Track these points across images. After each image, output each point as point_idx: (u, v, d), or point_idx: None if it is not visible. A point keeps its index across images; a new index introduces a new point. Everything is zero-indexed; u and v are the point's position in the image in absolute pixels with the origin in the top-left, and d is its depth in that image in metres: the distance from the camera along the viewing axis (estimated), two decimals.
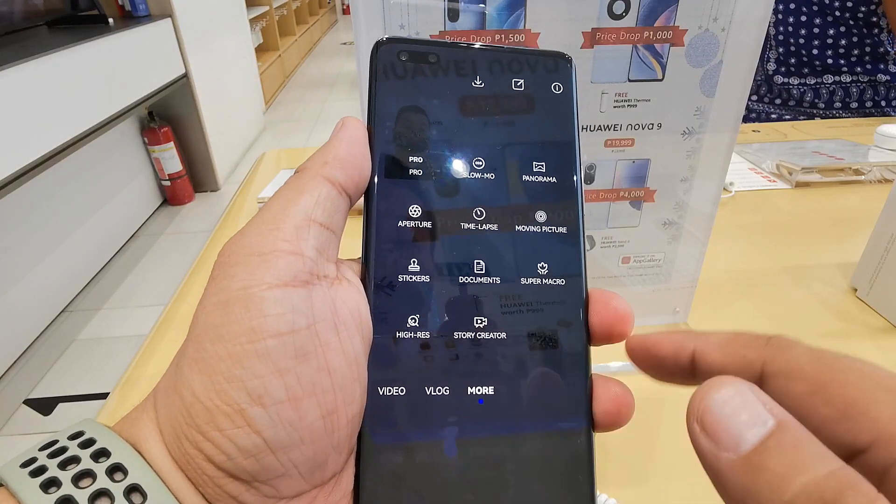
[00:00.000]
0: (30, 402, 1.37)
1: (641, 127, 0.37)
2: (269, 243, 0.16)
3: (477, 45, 0.20)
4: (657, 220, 0.41)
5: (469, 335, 0.19)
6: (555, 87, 0.21)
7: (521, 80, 0.20)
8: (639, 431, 0.38)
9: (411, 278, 0.19)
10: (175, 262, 1.94)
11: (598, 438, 0.18)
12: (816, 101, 0.98)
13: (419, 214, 0.19)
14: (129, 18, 1.92)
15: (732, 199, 0.70)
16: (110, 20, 1.81)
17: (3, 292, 1.44)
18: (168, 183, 2.24)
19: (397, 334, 0.18)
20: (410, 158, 0.19)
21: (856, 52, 0.93)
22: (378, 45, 0.20)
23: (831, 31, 0.94)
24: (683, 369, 0.16)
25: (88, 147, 1.59)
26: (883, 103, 0.95)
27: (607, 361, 0.43)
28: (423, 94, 0.20)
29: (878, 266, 0.49)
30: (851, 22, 0.92)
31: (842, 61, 0.94)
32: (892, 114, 0.95)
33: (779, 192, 0.72)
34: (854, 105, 0.96)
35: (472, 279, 0.19)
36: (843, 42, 0.93)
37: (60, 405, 1.37)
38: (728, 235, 0.62)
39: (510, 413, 0.18)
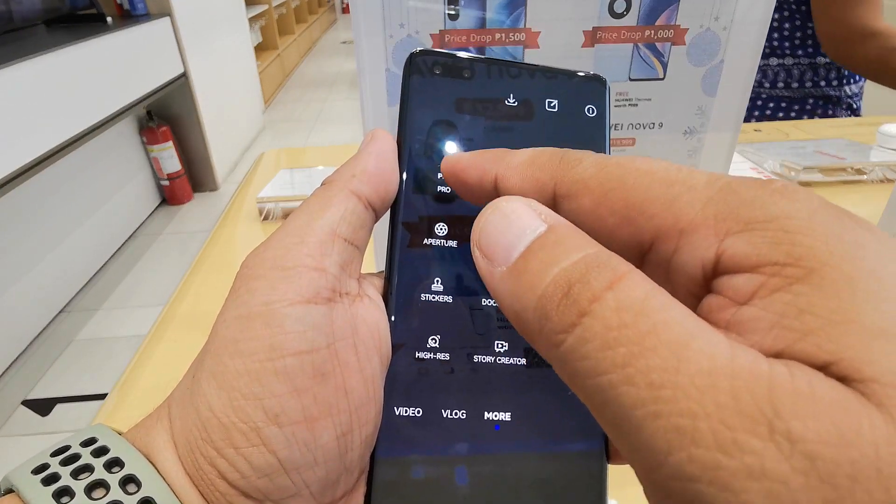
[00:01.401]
0: (28, 403, 1.37)
1: (643, 126, 0.37)
2: (292, 258, 0.16)
3: (512, 63, 0.20)
4: None
5: (489, 359, 0.18)
6: (588, 109, 0.20)
7: (555, 101, 0.20)
8: None
9: (434, 298, 0.18)
10: (174, 261, 1.93)
11: None
12: (763, 80, 1.05)
13: (445, 233, 0.19)
14: (128, 17, 1.92)
15: None
16: (109, 19, 1.81)
17: (2, 292, 1.44)
18: (167, 182, 2.24)
19: (417, 354, 0.18)
20: (440, 175, 0.19)
21: (798, 35, 0.99)
22: (412, 57, 0.20)
23: (776, 16, 1.00)
24: (489, 194, 0.15)
25: (87, 146, 1.59)
26: (822, 83, 1.02)
27: None
28: (454, 110, 0.19)
29: None
30: (794, 7, 0.97)
31: (786, 44, 1.00)
32: (830, 91, 1.02)
33: None
34: (795, 85, 1.03)
35: (494, 301, 0.19)
36: (787, 26, 0.99)
37: (59, 406, 1.36)
38: None
39: (525, 439, 0.18)
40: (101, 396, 1.36)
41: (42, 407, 1.36)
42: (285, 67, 4.16)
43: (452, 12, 0.32)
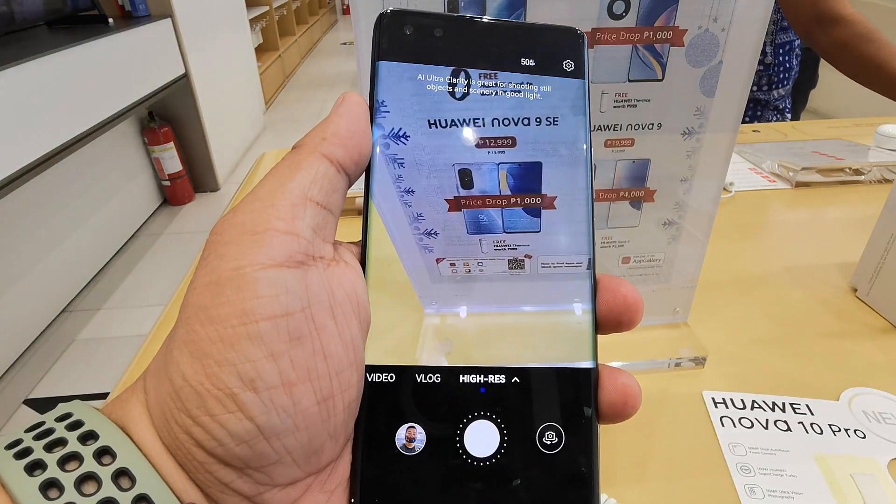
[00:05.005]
0: (30, 402, 1.37)
1: (641, 127, 0.37)
2: (262, 222, 0.16)
3: (484, 19, 0.20)
4: (657, 220, 0.41)
5: (481, 269, 0.18)
6: (566, 64, 0.20)
7: (532, 57, 0.19)
8: (639, 431, 0.38)
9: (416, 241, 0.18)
10: (175, 262, 1.94)
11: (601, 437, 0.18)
12: None
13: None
14: (129, 18, 1.92)
15: (732, 199, 0.70)
16: (110, 20, 1.81)
17: (3, 292, 1.44)
18: (168, 183, 2.24)
19: None
20: (414, 136, 0.19)
21: None
22: (381, 18, 0.19)
23: None
24: None
25: (88, 147, 1.59)
26: (754, 88, 1.09)
27: (607, 361, 0.43)
28: (427, 70, 0.19)
29: (878, 266, 0.49)
30: None
31: None
32: (760, 95, 1.09)
33: (779, 192, 0.72)
34: None
35: (486, 219, 0.19)
36: None
37: (60, 405, 1.36)
38: (728, 235, 0.62)
39: (511, 402, 0.18)
40: (103, 396, 1.37)
41: (44, 406, 1.36)
42: (286, 68, 4.16)
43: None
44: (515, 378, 0.18)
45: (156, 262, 1.94)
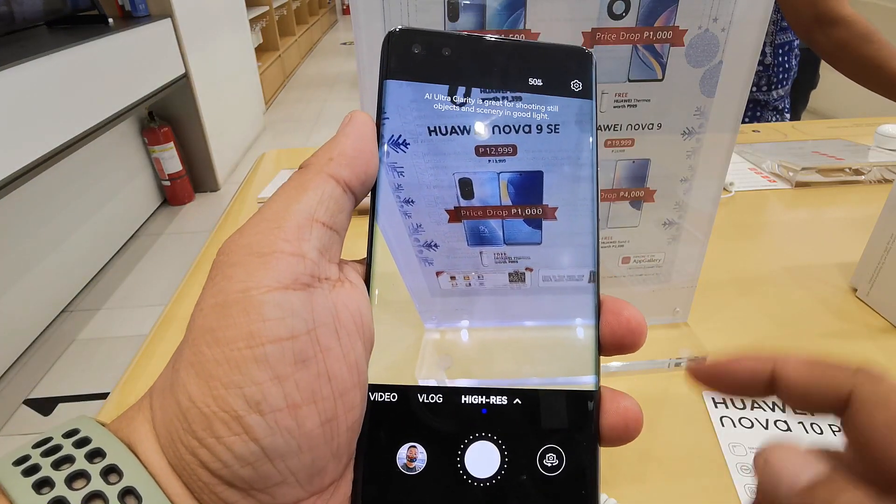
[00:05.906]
0: (30, 402, 1.37)
1: (641, 127, 0.37)
2: (269, 243, 0.16)
3: (493, 38, 0.20)
4: (657, 220, 0.41)
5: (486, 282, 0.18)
6: (574, 84, 0.20)
7: (539, 76, 0.19)
8: None
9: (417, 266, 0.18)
10: (175, 262, 1.94)
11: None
12: None
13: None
14: (129, 18, 1.92)
15: (732, 199, 0.70)
16: (110, 20, 1.81)
17: (3, 292, 1.44)
18: (168, 183, 2.24)
19: None
20: (414, 145, 0.19)
21: None
22: (389, 37, 0.19)
23: None
24: (758, 389, 0.16)
25: (89, 147, 1.59)
26: (754, 89, 1.10)
27: (606, 362, 0.43)
28: (435, 89, 0.19)
29: (878, 266, 0.49)
30: None
31: None
32: (759, 96, 1.11)
33: (779, 192, 0.72)
34: None
35: (486, 231, 0.19)
36: None
37: (60, 405, 1.37)
38: (728, 235, 0.62)
39: (513, 423, 0.18)
40: (103, 396, 1.37)
41: (44, 406, 1.36)
42: (286, 68, 4.16)
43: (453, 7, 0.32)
44: (517, 399, 0.18)
45: (156, 262, 1.94)
